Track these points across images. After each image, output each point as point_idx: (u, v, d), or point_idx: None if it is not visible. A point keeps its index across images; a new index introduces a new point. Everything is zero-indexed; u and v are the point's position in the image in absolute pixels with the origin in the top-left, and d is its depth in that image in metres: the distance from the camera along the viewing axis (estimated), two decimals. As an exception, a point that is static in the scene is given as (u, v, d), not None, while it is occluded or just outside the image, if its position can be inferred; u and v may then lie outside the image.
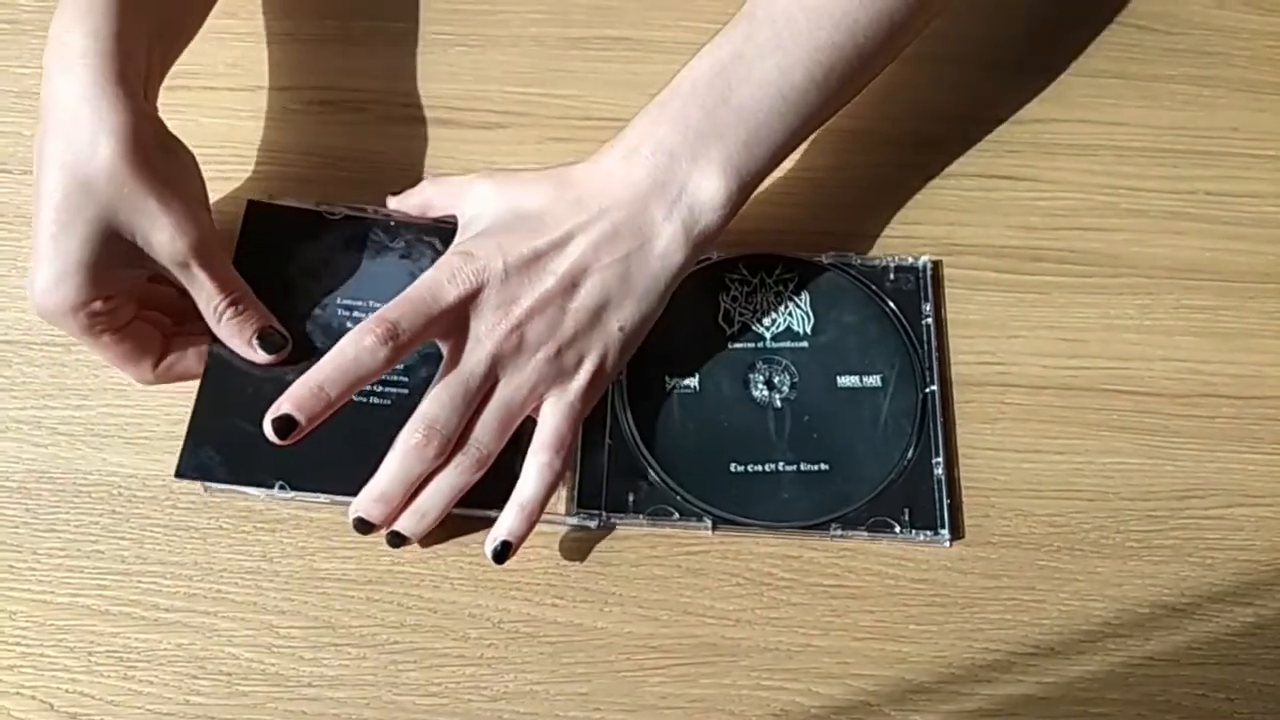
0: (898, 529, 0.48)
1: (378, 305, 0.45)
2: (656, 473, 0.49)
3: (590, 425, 0.49)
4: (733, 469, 0.49)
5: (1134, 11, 0.62)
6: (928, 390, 0.50)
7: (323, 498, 0.47)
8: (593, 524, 0.48)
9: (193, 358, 0.49)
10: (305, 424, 0.43)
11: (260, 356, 0.48)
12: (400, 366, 0.48)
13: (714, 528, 0.48)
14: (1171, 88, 0.59)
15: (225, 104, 0.58)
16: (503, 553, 0.46)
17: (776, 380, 0.51)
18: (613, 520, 0.48)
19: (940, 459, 0.49)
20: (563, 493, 0.48)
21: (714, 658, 0.46)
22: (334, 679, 0.45)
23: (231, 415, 0.48)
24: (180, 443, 0.48)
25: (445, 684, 0.45)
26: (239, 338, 0.48)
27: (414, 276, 0.46)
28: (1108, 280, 0.54)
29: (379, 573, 0.47)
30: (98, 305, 0.44)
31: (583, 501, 0.48)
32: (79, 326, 0.44)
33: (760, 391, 0.50)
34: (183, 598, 0.46)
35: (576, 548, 0.48)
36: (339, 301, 0.51)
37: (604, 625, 0.46)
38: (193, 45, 0.59)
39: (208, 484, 0.47)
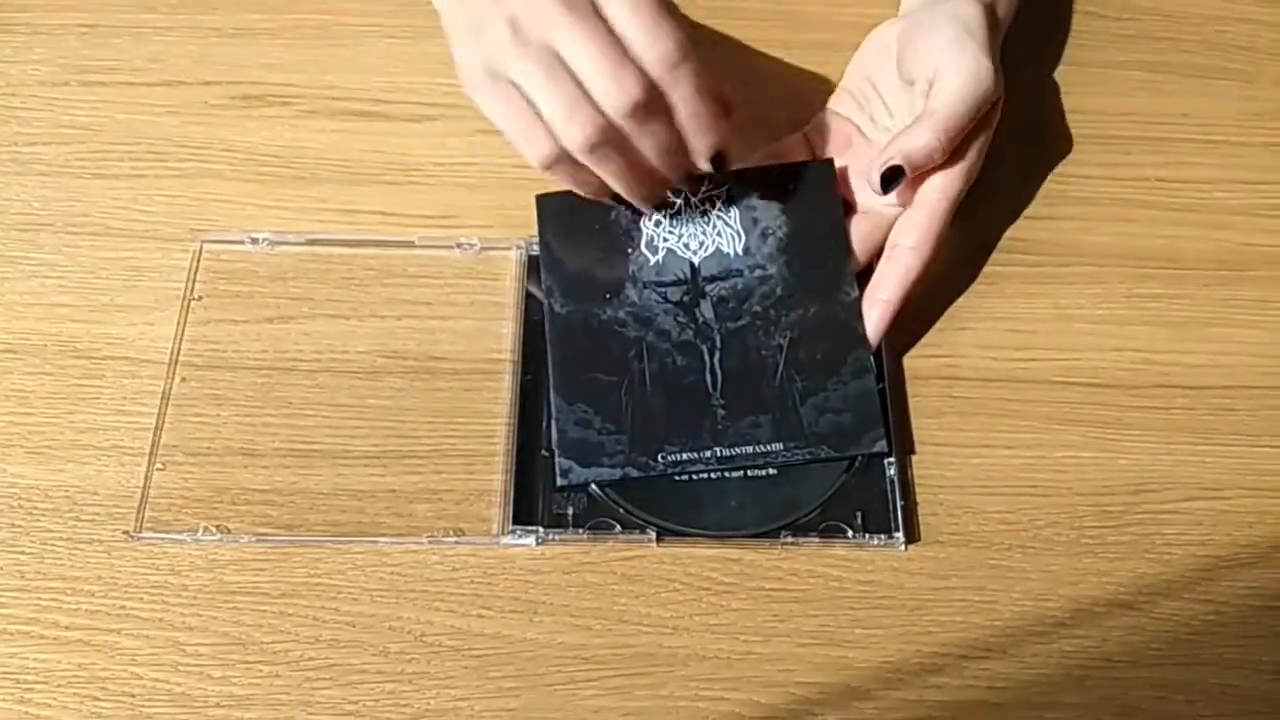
0: (850, 534, 0.46)
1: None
2: (596, 483, 0.46)
3: (525, 434, 0.47)
4: (676, 478, 0.47)
5: (1084, -1, 0.61)
6: (877, 387, 0.48)
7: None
8: (530, 541, 0.45)
9: None
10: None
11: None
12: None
13: (658, 539, 0.46)
14: (1122, 74, 0.58)
15: (143, 99, 0.56)
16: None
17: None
18: (552, 536, 0.46)
19: (893, 459, 0.47)
20: (495, 512, 0.46)
21: (650, 668, 0.43)
22: (244, 698, 0.42)
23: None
24: (83, 451, 0.46)
25: (363, 701, 0.42)
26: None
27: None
28: (1057, 270, 0.53)
29: (293, 585, 0.44)
30: None
31: (519, 518, 0.46)
32: None
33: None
34: (84, 615, 0.44)
35: (505, 555, 0.45)
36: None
37: (533, 636, 0.44)
38: (110, 40, 0.58)
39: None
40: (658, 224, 0.50)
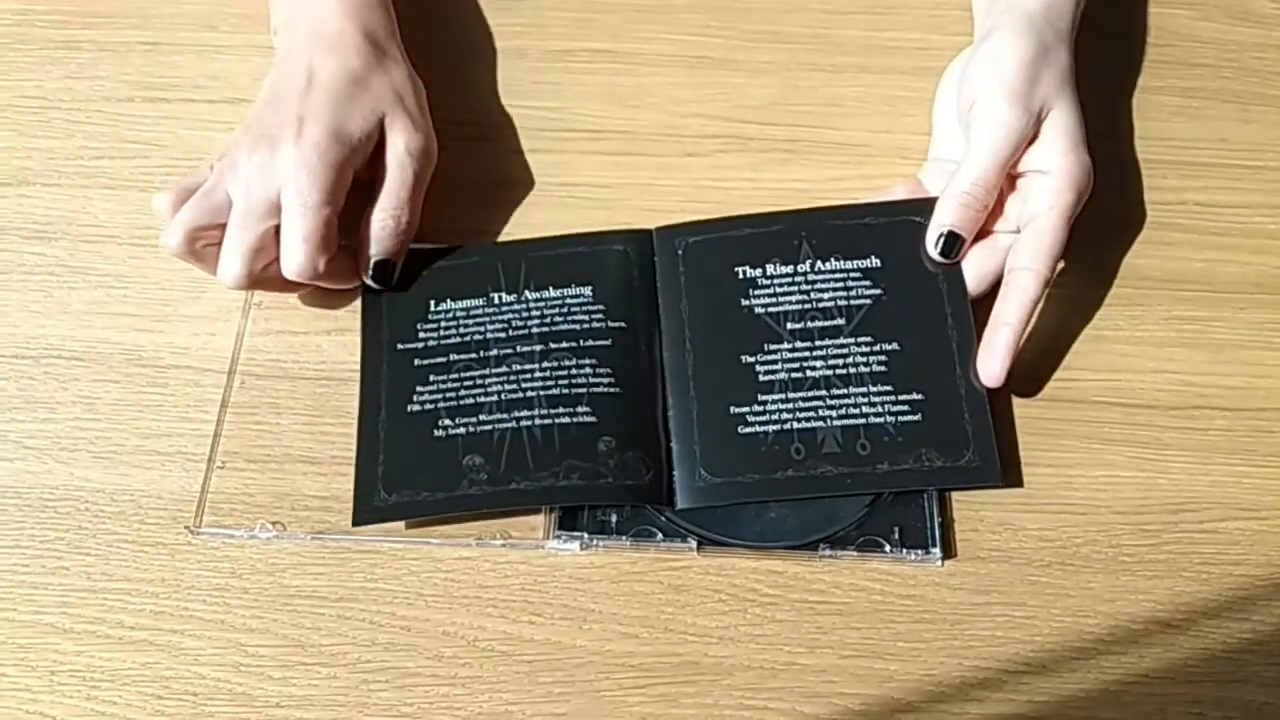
0: (888, 548, 0.47)
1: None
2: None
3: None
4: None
5: (1121, 24, 0.62)
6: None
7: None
8: (575, 546, 0.47)
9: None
10: None
11: (367, 276, 0.50)
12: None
13: (699, 548, 0.47)
14: (1159, 99, 0.59)
15: (204, 116, 0.57)
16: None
17: None
18: (596, 542, 0.47)
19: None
20: (542, 519, 0.47)
21: (696, 676, 0.44)
22: (303, 699, 0.43)
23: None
24: (147, 456, 0.48)
25: (418, 704, 0.43)
26: (375, 245, 0.50)
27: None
28: (1096, 292, 0.53)
29: (350, 590, 0.46)
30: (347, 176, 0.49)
31: (564, 524, 0.47)
32: (335, 182, 0.48)
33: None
34: (149, 615, 0.45)
35: (555, 563, 0.47)
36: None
37: (583, 643, 0.45)
38: (173, 58, 0.59)
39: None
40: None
